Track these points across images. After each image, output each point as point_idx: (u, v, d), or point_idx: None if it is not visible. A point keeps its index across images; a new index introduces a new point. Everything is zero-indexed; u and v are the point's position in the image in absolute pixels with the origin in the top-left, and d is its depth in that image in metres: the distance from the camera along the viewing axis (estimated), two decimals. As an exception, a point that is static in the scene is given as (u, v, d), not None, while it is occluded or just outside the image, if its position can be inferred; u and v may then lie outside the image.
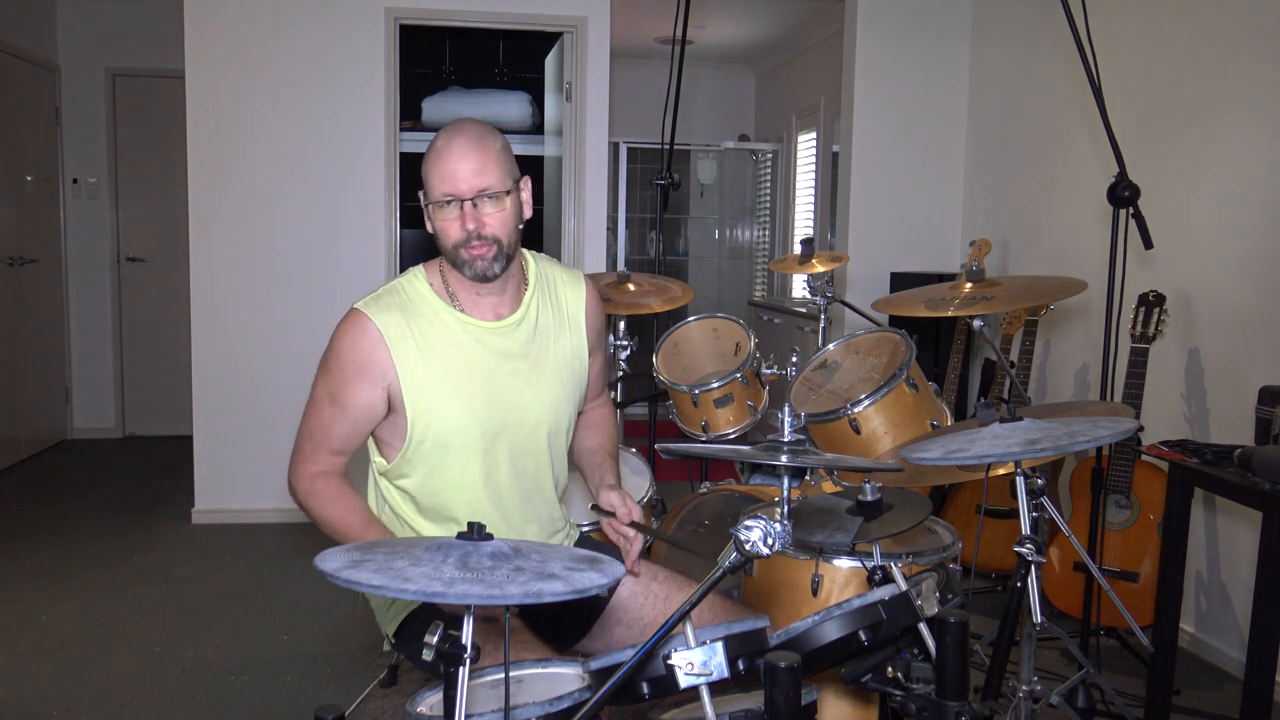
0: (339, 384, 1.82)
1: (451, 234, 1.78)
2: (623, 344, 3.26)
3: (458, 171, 1.75)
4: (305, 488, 1.87)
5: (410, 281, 1.88)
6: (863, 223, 4.81)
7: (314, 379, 1.87)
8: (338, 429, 1.84)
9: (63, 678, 3.01)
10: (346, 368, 1.82)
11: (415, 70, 6.19)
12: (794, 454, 1.64)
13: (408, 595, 1.05)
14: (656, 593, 1.93)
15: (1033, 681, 2.07)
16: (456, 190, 1.75)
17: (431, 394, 1.81)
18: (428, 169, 1.79)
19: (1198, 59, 3.30)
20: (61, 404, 6.17)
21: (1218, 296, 3.19)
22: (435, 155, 1.78)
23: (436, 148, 1.78)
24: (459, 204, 1.76)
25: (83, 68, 6.05)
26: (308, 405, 1.88)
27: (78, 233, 6.16)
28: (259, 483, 4.59)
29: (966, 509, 3.58)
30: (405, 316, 1.82)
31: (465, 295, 1.86)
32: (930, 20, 4.75)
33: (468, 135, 1.77)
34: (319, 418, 1.86)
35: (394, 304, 1.84)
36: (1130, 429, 1.57)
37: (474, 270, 1.79)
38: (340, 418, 1.83)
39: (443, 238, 1.80)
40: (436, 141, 1.79)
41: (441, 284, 1.87)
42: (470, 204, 1.76)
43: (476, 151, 1.75)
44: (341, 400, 1.82)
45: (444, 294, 1.86)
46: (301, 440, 1.89)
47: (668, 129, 3.60)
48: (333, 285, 4.57)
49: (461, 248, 1.78)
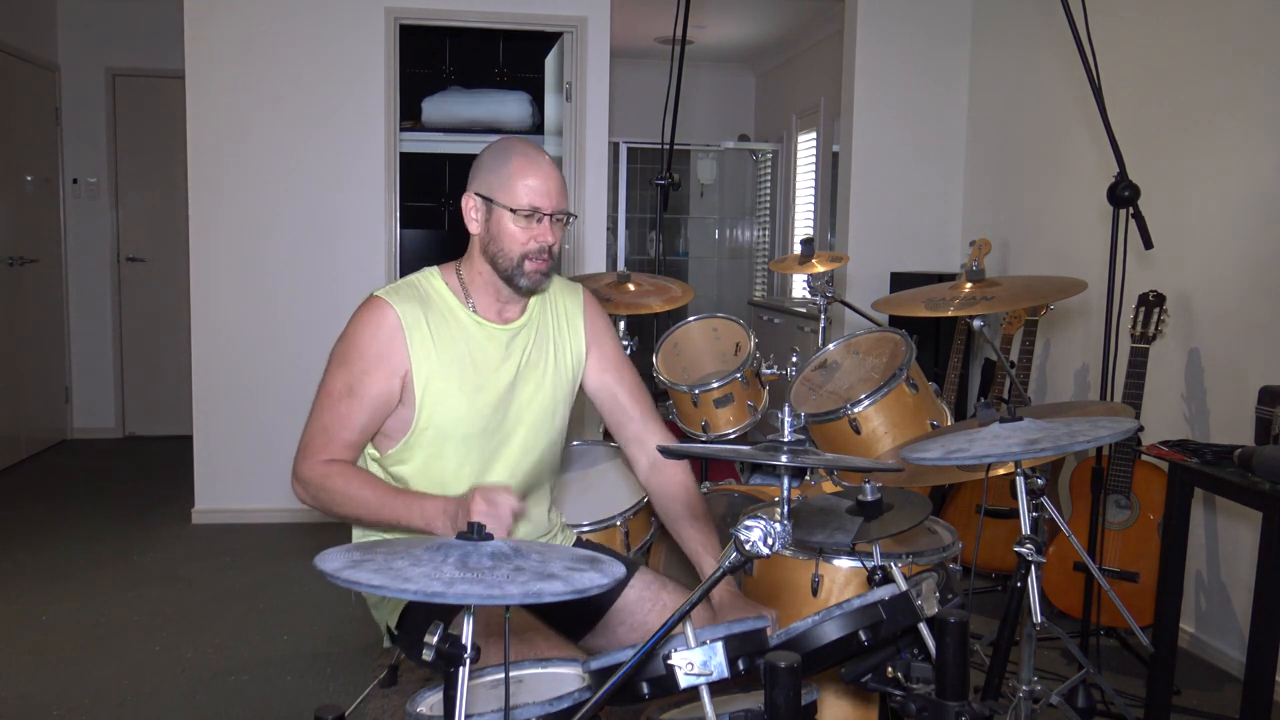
0: (358, 375, 1.82)
1: (522, 243, 1.84)
2: (623, 344, 3.25)
3: (549, 187, 1.83)
4: (320, 472, 1.79)
5: (426, 278, 1.93)
6: (863, 223, 4.82)
7: (326, 373, 1.85)
8: (355, 420, 1.83)
9: (63, 678, 3.01)
10: (367, 357, 1.82)
11: (415, 70, 6.19)
12: (794, 454, 1.64)
13: (408, 595, 1.05)
14: (666, 602, 1.95)
15: (1033, 681, 2.07)
16: (548, 205, 1.82)
17: (441, 384, 1.85)
18: (510, 174, 1.82)
19: (1198, 59, 3.30)
20: (61, 404, 6.17)
21: (1218, 296, 3.19)
22: (520, 163, 1.83)
23: (519, 156, 1.83)
24: (544, 218, 1.83)
25: (83, 68, 6.05)
26: (319, 400, 1.85)
27: (78, 233, 6.16)
28: (259, 483, 4.59)
29: (966, 509, 3.58)
30: (423, 308, 1.87)
31: (482, 298, 1.92)
32: (930, 20, 4.75)
33: (548, 158, 1.87)
34: (333, 411, 1.83)
35: (412, 295, 1.89)
36: (1130, 429, 1.57)
37: (530, 282, 1.86)
38: (358, 409, 1.82)
39: (507, 243, 1.84)
40: (512, 150, 1.85)
41: (458, 284, 1.93)
42: (550, 219, 1.84)
43: (559, 176, 1.86)
44: (360, 391, 1.82)
45: (460, 293, 1.92)
46: (313, 434, 1.84)
47: (668, 129, 3.60)
48: (333, 285, 4.57)
49: (529, 259, 1.84)
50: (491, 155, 1.88)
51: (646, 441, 2.05)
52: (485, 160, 1.88)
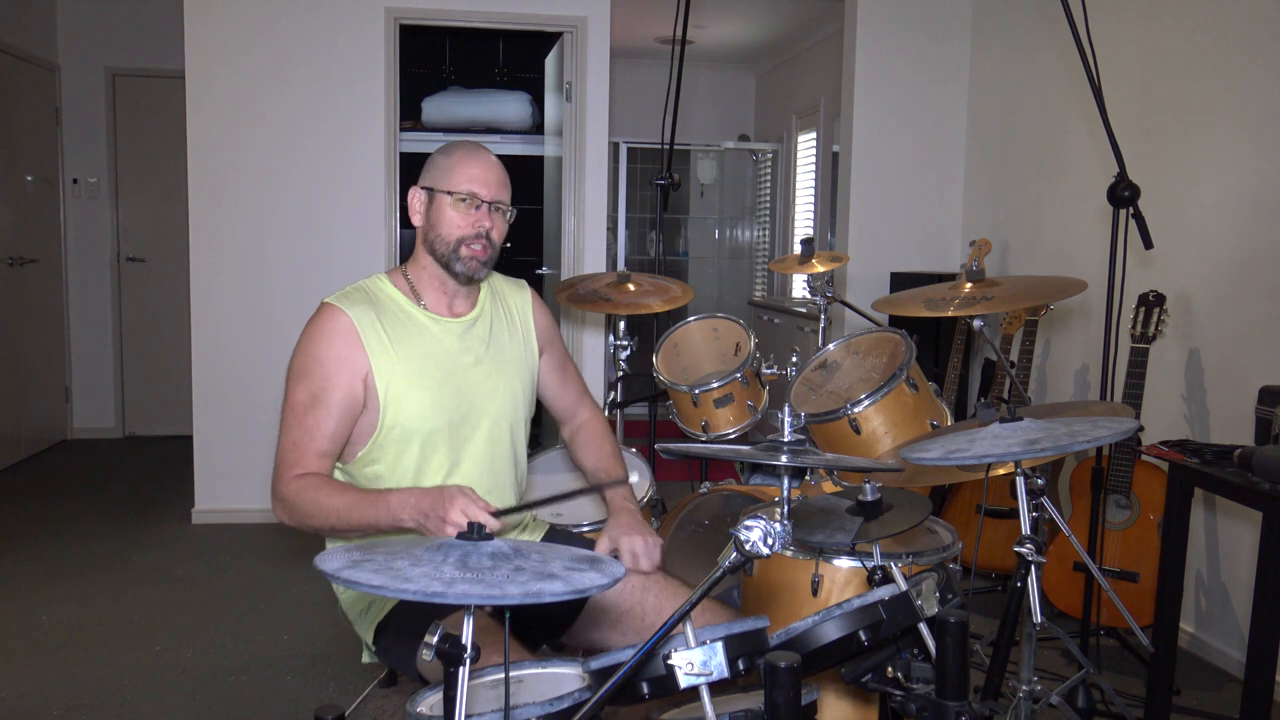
0: (320, 383, 1.82)
1: (460, 227, 1.89)
2: (623, 344, 3.26)
3: (488, 176, 1.89)
4: (293, 489, 1.77)
5: (375, 283, 1.97)
6: (863, 223, 4.82)
7: (288, 390, 1.83)
8: (324, 429, 1.81)
9: (63, 678, 3.01)
10: (327, 364, 1.83)
11: (415, 70, 6.19)
12: (794, 454, 1.64)
13: (407, 595, 1.05)
14: (654, 599, 1.94)
15: (1033, 681, 2.07)
16: (482, 191, 1.88)
17: (402, 382, 1.86)
18: (451, 164, 1.89)
19: (1198, 59, 3.30)
20: (61, 404, 6.17)
21: (1218, 296, 3.19)
22: (463, 154, 1.90)
23: (462, 150, 1.91)
24: (480, 204, 1.88)
25: (83, 68, 6.05)
26: (285, 418, 1.83)
27: (78, 233, 6.17)
28: (259, 483, 4.52)
29: (966, 509, 3.58)
30: (375, 310, 1.89)
31: (430, 294, 1.96)
32: (930, 20, 4.75)
33: (491, 155, 1.94)
34: (301, 424, 1.81)
35: (362, 299, 1.91)
36: (1130, 429, 1.57)
37: (466, 268, 1.91)
38: (325, 417, 1.81)
39: (445, 228, 1.89)
40: (457, 146, 1.93)
41: (405, 283, 1.97)
42: (489, 207, 1.89)
43: (500, 169, 1.93)
44: (325, 399, 1.81)
45: (409, 292, 1.96)
46: (284, 452, 1.81)
47: (668, 129, 3.60)
48: (333, 285, 4.47)
49: (465, 244, 1.89)
50: (438, 152, 1.96)
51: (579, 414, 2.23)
52: (432, 158, 1.95)
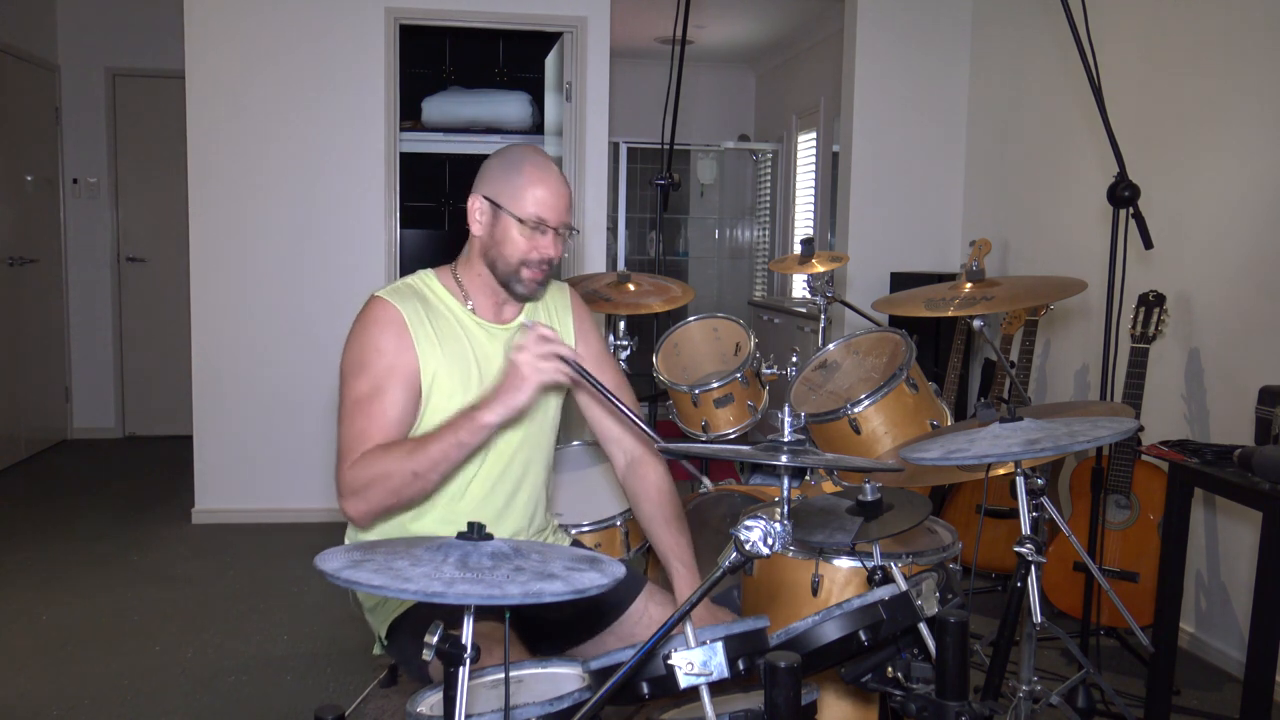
0: (383, 371, 1.79)
1: (524, 251, 1.85)
2: (623, 344, 3.25)
3: (558, 203, 1.85)
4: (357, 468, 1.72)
5: (423, 280, 1.94)
6: (863, 223, 4.81)
7: (344, 386, 1.80)
8: (390, 414, 1.77)
9: (63, 678, 3.01)
10: (386, 352, 1.80)
11: (415, 70, 6.19)
12: (794, 454, 1.64)
13: (407, 595, 1.05)
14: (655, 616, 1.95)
15: (1033, 681, 2.07)
16: (554, 218, 1.84)
17: (446, 381, 1.85)
18: (521, 185, 1.83)
19: (1198, 59, 3.30)
20: (61, 404, 6.17)
21: (1218, 296, 3.19)
22: (531, 173, 1.84)
23: (530, 166, 1.84)
24: (549, 230, 1.85)
25: (83, 68, 6.05)
26: (345, 412, 1.78)
27: (78, 233, 6.16)
28: (259, 483, 4.59)
29: (966, 509, 3.58)
30: (424, 307, 1.88)
31: (479, 298, 1.93)
32: (930, 20, 4.75)
33: (559, 171, 1.89)
34: (365, 414, 1.76)
35: (411, 294, 1.89)
36: (1130, 429, 1.57)
37: (527, 290, 1.89)
38: (390, 403, 1.78)
39: (509, 249, 1.85)
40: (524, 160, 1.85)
41: (456, 285, 1.94)
42: (555, 233, 1.85)
43: (567, 189, 1.88)
44: (388, 385, 1.78)
45: (459, 294, 1.93)
46: (348, 444, 1.76)
47: (668, 129, 3.59)
48: (333, 285, 4.57)
49: (527, 268, 1.86)
50: (504, 160, 1.88)
51: (624, 440, 2.05)
52: (496, 164, 1.88)
